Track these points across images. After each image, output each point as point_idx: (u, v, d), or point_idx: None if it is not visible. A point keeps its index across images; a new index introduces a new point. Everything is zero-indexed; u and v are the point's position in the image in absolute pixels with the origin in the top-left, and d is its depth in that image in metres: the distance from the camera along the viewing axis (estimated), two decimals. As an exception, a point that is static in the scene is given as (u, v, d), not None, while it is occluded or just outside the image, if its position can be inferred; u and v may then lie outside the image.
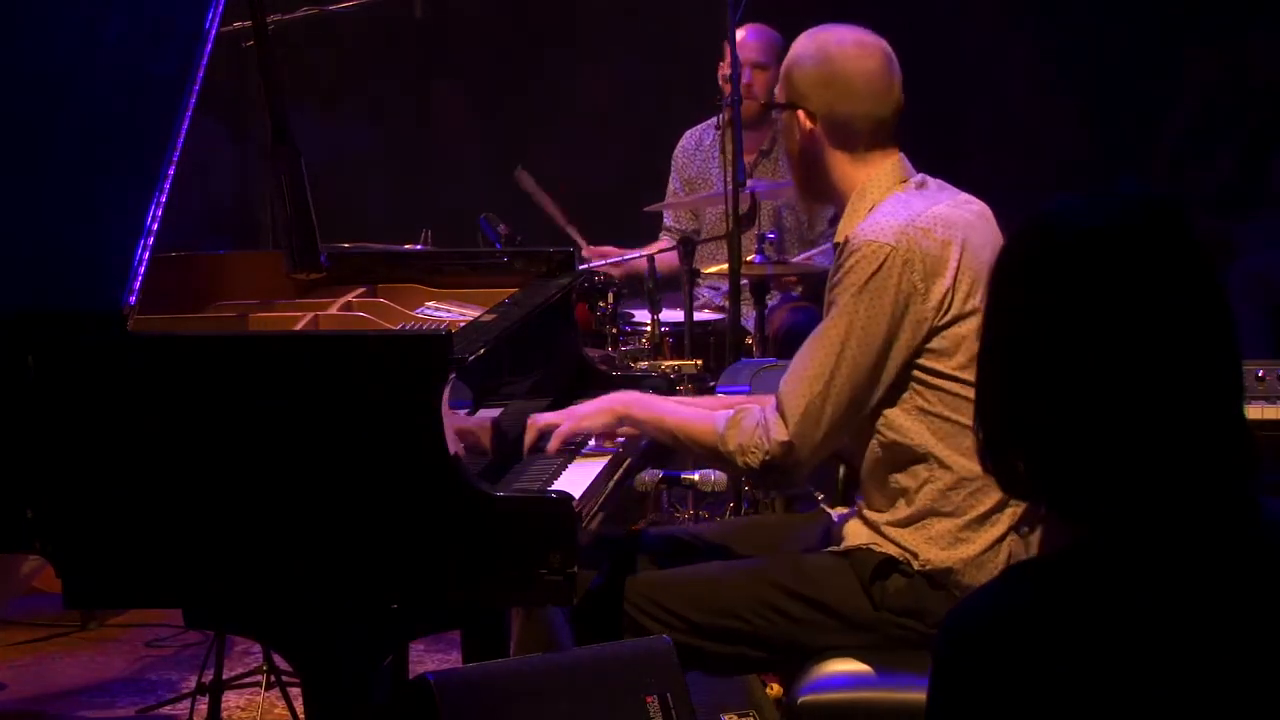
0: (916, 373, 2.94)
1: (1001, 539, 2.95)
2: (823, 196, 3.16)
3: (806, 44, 3.11)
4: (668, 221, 5.97)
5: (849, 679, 2.91)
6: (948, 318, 2.91)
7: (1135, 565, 1.53)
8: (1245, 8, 6.69)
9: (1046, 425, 1.56)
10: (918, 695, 2.19)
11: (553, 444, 3.07)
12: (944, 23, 7.04)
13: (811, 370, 2.91)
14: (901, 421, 2.96)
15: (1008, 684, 1.50)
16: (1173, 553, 1.53)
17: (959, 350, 2.92)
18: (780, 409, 2.93)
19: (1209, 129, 6.58)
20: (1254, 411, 4.01)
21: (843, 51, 3.06)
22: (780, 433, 2.91)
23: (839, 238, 3.01)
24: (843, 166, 3.05)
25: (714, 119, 5.56)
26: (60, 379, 2.71)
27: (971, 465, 2.92)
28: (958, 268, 2.91)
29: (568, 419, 3.08)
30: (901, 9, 7.04)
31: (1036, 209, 1.61)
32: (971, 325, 2.92)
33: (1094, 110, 6.87)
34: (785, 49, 5.68)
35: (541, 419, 3.13)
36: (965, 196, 3.08)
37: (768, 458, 2.92)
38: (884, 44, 3.13)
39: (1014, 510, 2.95)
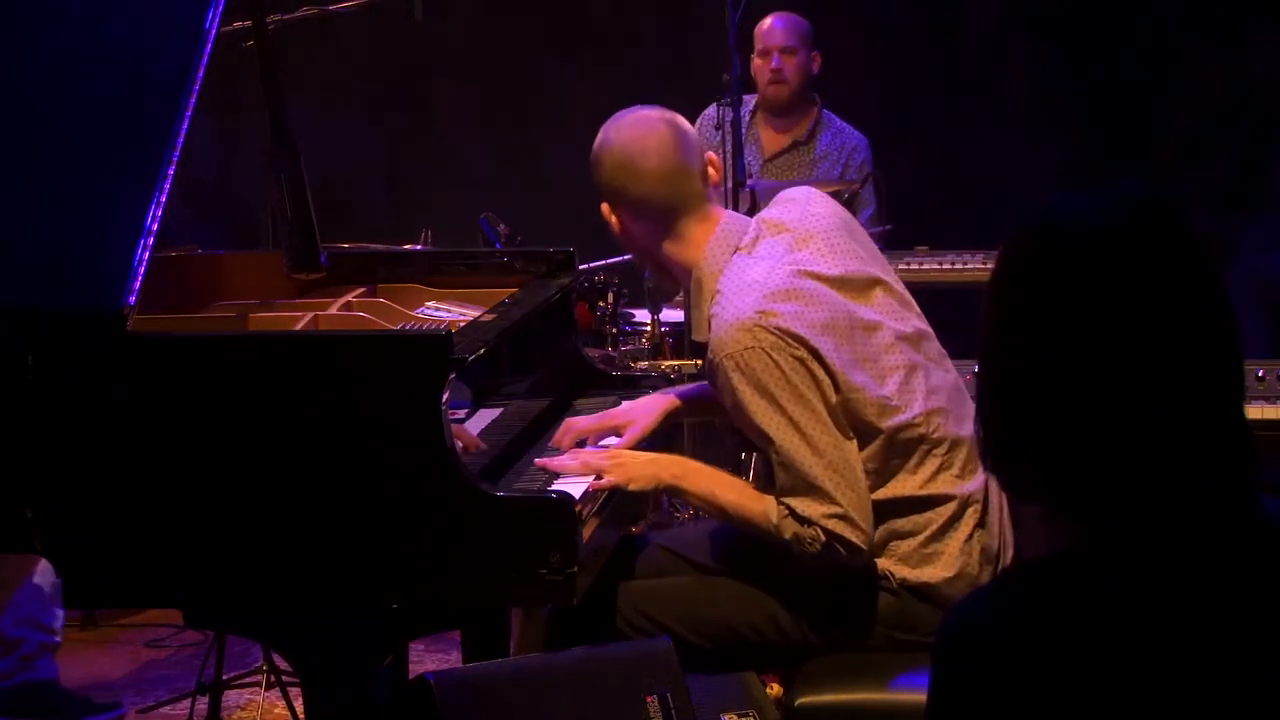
0: None
1: (969, 539, 2.93)
2: (671, 279, 3.14)
3: (598, 141, 3.12)
4: None
5: (849, 679, 2.91)
6: (836, 367, 2.89)
7: (1135, 566, 1.53)
8: (1245, 8, 6.69)
9: (1047, 425, 1.56)
10: (917, 695, 2.19)
11: (575, 467, 3.03)
12: (944, 23, 7.04)
13: (804, 482, 2.87)
14: None
15: (1007, 685, 1.49)
16: (1173, 553, 1.53)
17: (861, 405, 2.91)
18: (810, 523, 2.88)
19: (1209, 129, 6.57)
20: (1254, 411, 4.01)
21: (621, 138, 3.06)
22: (827, 536, 2.87)
23: (696, 336, 3.03)
24: (666, 249, 3.06)
25: (746, 99, 5.56)
26: (60, 379, 2.71)
27: (911, 491, 2.94)
28: (814, 332, 2.89)
29: (616, 472, 2.99)
30: (901, 9, 7.05)
31: (1037, 208, 1.61)
32: (856, 378, 2.90)
33: (1094, 110, 6.86)
34: (812, 34, 5.74)
35: (586, 453, 3.09)
36: (810, 224, 3.02)
37: (827, 550, 2.88)
38: (667, 115, 3.12)
39: (975, 509, 2.95)
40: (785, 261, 2.97)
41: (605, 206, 3.08)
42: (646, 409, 3.24)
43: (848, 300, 2.97)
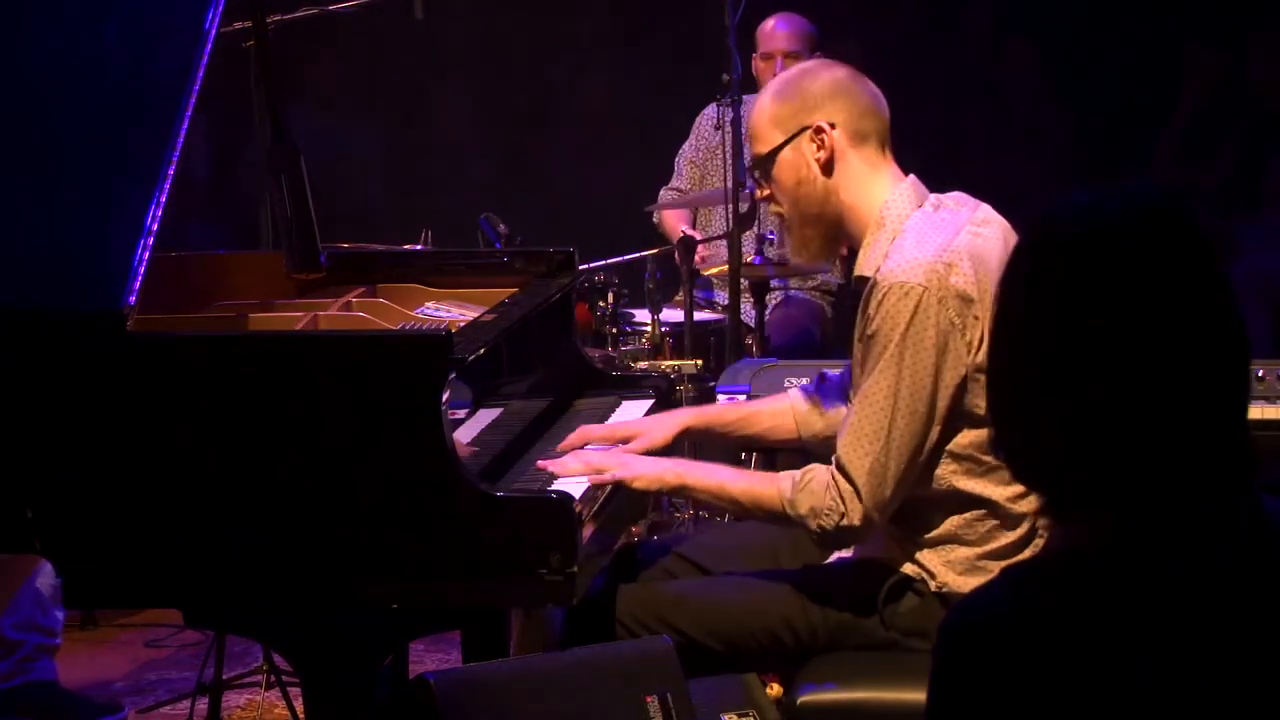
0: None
1: None
2: (833, 236, 3.05)
3: (773, 88, 3.05)
4: (676, 182, 5.98)
5: (849, 679, 2.91)
6: (982, 354, 2.83)
7: (1136, 565, 1.53)
8: (1245, 8, 6.69)
9: (1050, 423, 1.56)
10: (918, 695, 2.19)
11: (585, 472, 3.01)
12: (944, 23, 7.05)
13: (869, 429, 2.83)
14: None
15: (1008, 683, 1.49)
16: (1174, 552, 1.53)
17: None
18: (844, 472, 2.85)
19: (1209, 129, 6.58)
20: (1254, 411, 4.00)
21: (829, 67, 3.03)
22: (851, 496, 2.84)
23: (862, 269, 2.94)
24: (854, 179, 2.97)
25: (747, 99, 5.56)
26: (60, 379, 2.71)
27: (998, 498, 2.90)
28: (985, 302, 2.84)
29: (620, 470, 2.99)
30: (902, 9, 7.06)
31: (1044, 208, 1.61)
32: None
33: (1094, 110, 6.87)
34: (817, 38, 5.75)
35: (590, 453, 3.07)
36: (984, 214, 3.01)
37: (843, 520, 2.85)
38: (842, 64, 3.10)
39: (1040, 542, 2.93)
40: (969, 231, 2.94)
41: (815, 128, 2.97)
42: (662, 425, 3.23)
43: None
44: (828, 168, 3.00)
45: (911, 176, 3.03)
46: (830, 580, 3.01)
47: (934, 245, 2.87)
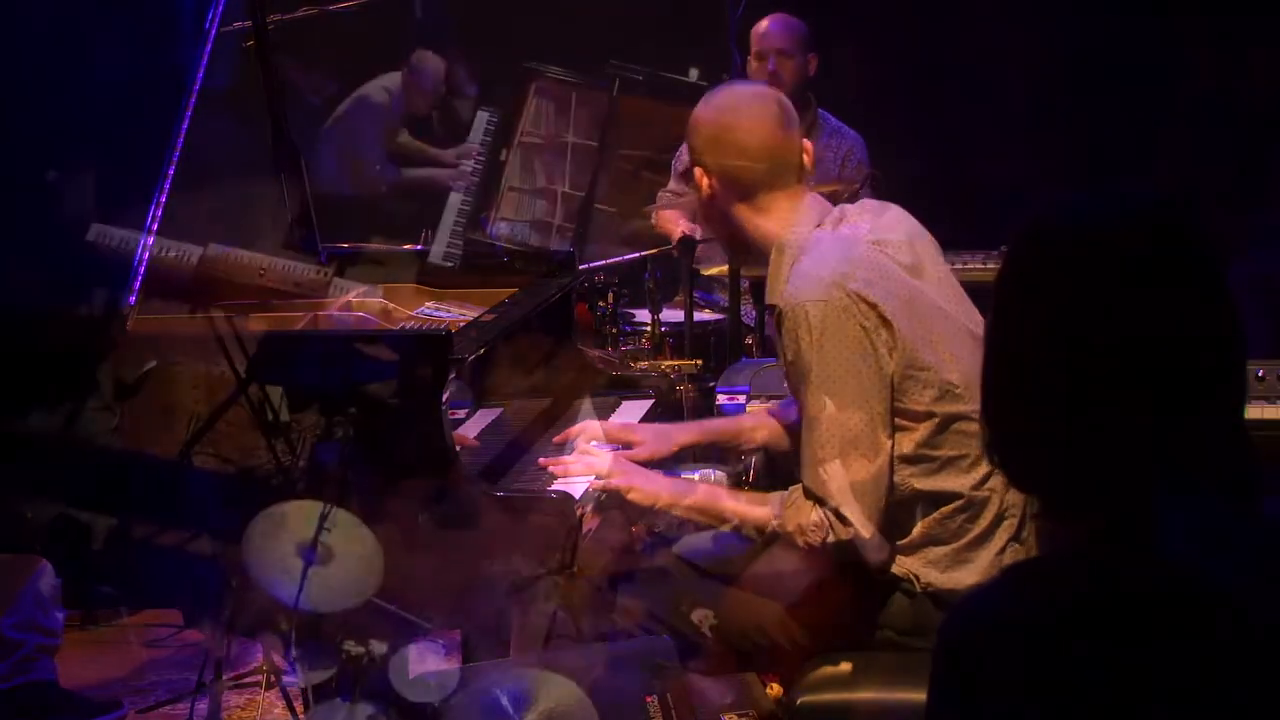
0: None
1: (1001, 552, 2.94)
2: (744, 249, 3.14)
3: (701, 104, 3.11)
4: (675, 184, 5.99)
5: (849, 679, 2.91)
6: (900, 345, 2.87)
7: (1135, 564, 1.53)
8: (1245, 8, 6.69)
9: (1048, 425, 1.56)
10: (917, 696, 2.20)
11: (583, 471, 3.04)
12: (944, 22, 7.05)
13: (822, 453, 2.86)
14: None
15: (1007, 683, 1.50)
16: (1174, 553, 1.53)
17: (923, 385, 2.90)
18: (817, 499, 2.88)
19: (1209, 129, 6.58)
20: (1254, 411, 4.01)
21: (729, 106, 3.05)
22: (833, 514, 2.87)
23: (770, 299, 3.01)
24: (748, 219, 3.04)
25: None
26: (61, 379, 2.71)
27: (960, 489, 2.93)
28: (891, 306, 2.88)
29: (619, 477, 3.01)
30: (901, 9, 7.06)
31: (1040, 209, 1.61)
32: (926, 357, 2.89)
33: (1094, 110, 6.87)
34: (810, 38, 5.75)
35: (592, 457, 3.07)
36: (889, 218, 3.05)
37: (829, 537, 2.88)
38: (776, 94, 3.11)
39: (1010, 522, 2.95)
40: (867, 240, 2.98)
41: (698, 170, 3.07)
42: (664, 440, 3.25)
43: (923, 287, 2.97)
44: (712, 204, 3.07)
45: (811, 195, 3.07)
46: (824, 580, 3.02)
47: (831, 262, 2.90)
